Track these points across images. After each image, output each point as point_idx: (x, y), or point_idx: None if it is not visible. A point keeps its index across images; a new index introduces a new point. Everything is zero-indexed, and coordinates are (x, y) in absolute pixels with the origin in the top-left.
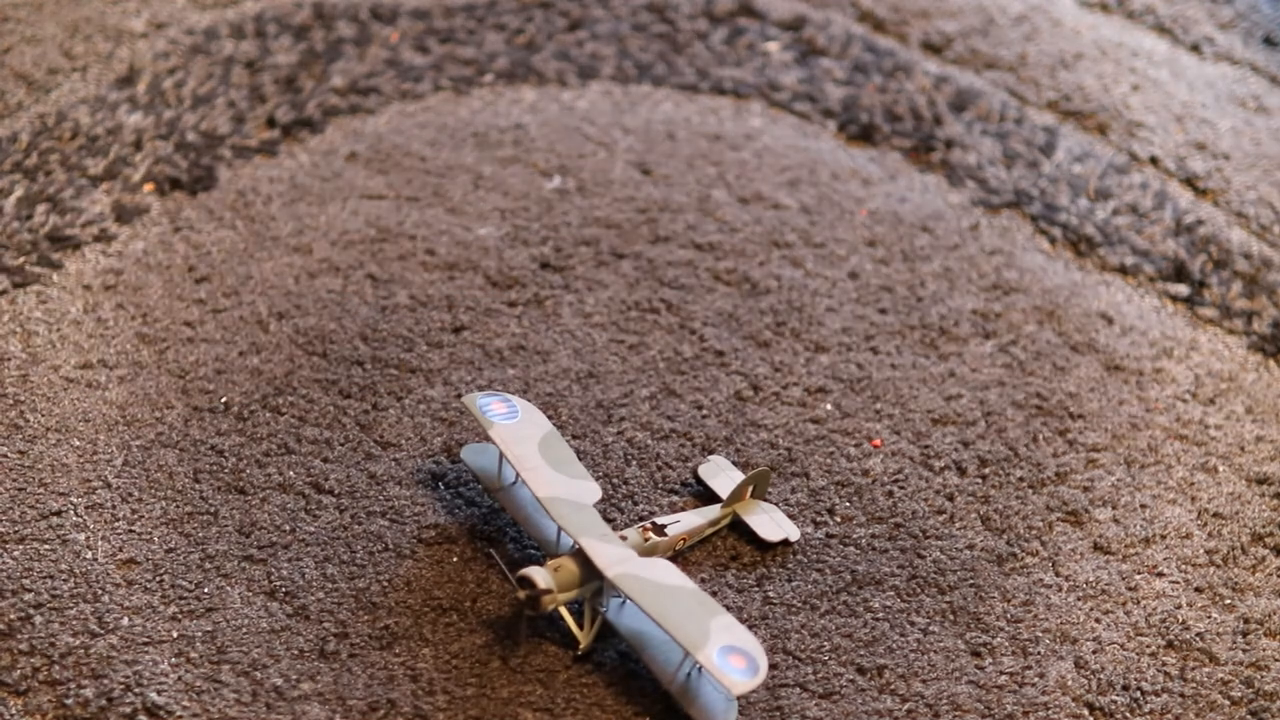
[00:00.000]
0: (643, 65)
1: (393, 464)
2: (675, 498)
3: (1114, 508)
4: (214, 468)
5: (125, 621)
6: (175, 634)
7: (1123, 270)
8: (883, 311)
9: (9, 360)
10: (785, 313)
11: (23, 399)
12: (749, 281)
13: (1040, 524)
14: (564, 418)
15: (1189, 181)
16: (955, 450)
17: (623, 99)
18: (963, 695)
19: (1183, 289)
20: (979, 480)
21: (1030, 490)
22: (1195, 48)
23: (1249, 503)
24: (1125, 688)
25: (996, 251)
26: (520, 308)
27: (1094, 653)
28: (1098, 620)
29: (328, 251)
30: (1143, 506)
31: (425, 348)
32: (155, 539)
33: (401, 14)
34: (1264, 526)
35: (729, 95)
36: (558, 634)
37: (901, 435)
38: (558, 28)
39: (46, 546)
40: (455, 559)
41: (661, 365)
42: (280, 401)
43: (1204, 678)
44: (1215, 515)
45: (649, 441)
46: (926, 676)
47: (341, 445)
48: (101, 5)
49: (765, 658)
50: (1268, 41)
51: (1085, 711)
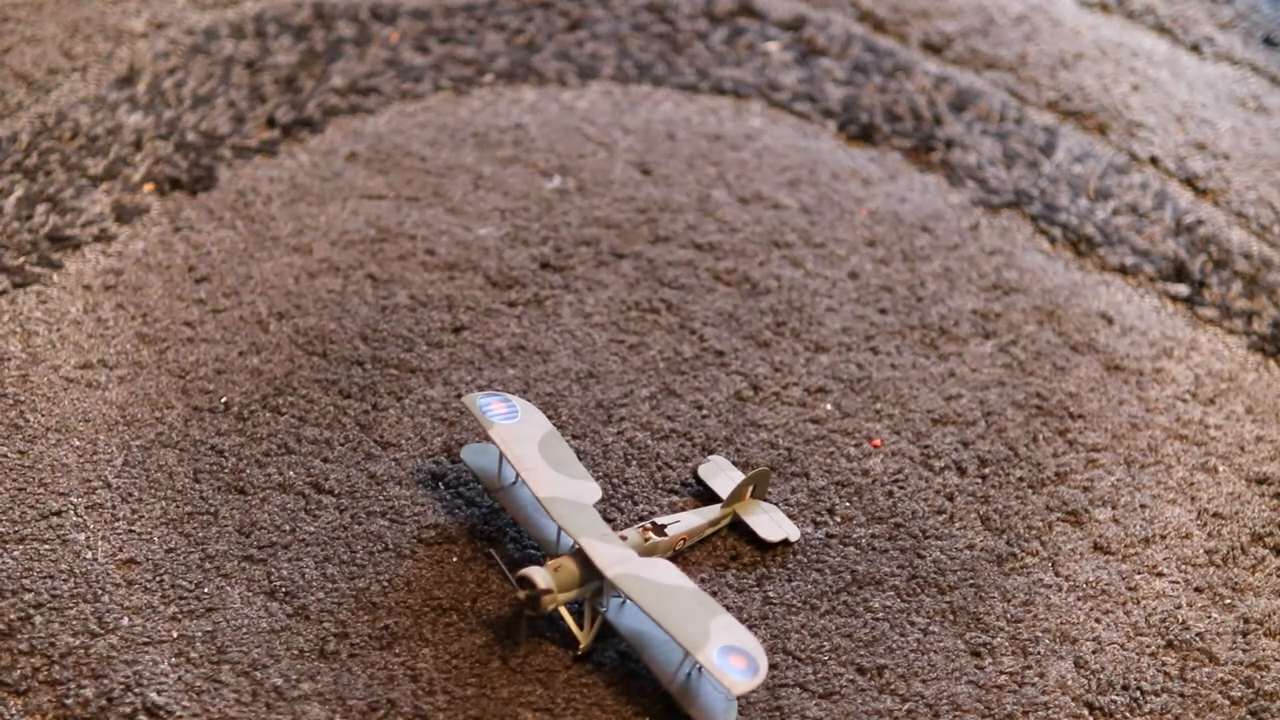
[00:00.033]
0: (643, 65)
1: (393, 464)
2: (675, 498)
3: (1114, 508)
4: (214, 468)
5: (125, 621)
6: (175, 634)
7: (1123, 270)
8: (883, 311)
9: (9, 360)
10: (785, 313)
11: (23, 399)
12: (749, 281)
13: (1040, 524)
14: (564, 418)
15: (1189, 181)
16: (955, 450)
17: (623, 99)
18: (963, 695)
19: (1183, 289)
20: (979, 480)
21: (1030, 490)
22: (1195, 48)
23: (1249, 503)
24: (1125, 688)
25: (996, 251)
26: (520, 308)
27: (1094, 653)
28: (1098, 620)
29: (328, 251)
30: (1143, 506)
31: (425, 348)
32: (155, 539)
33: (401, 14)
34: (1264, 526)
35: (729, 95)
36: (558, 634)
37: (901, 435)
38: (558, 28)
39: (46, 546)
40: (455, 559)
41: (661, 365)
42: (280, 401)
43: (1204, 678)
44: (1215, 515)
45: (649, 441)
46: (926, 676)
47: (341, 445)
48: (101, 5)
49: (765, 658)
50: (1268, 41)
51: (1085, 711)
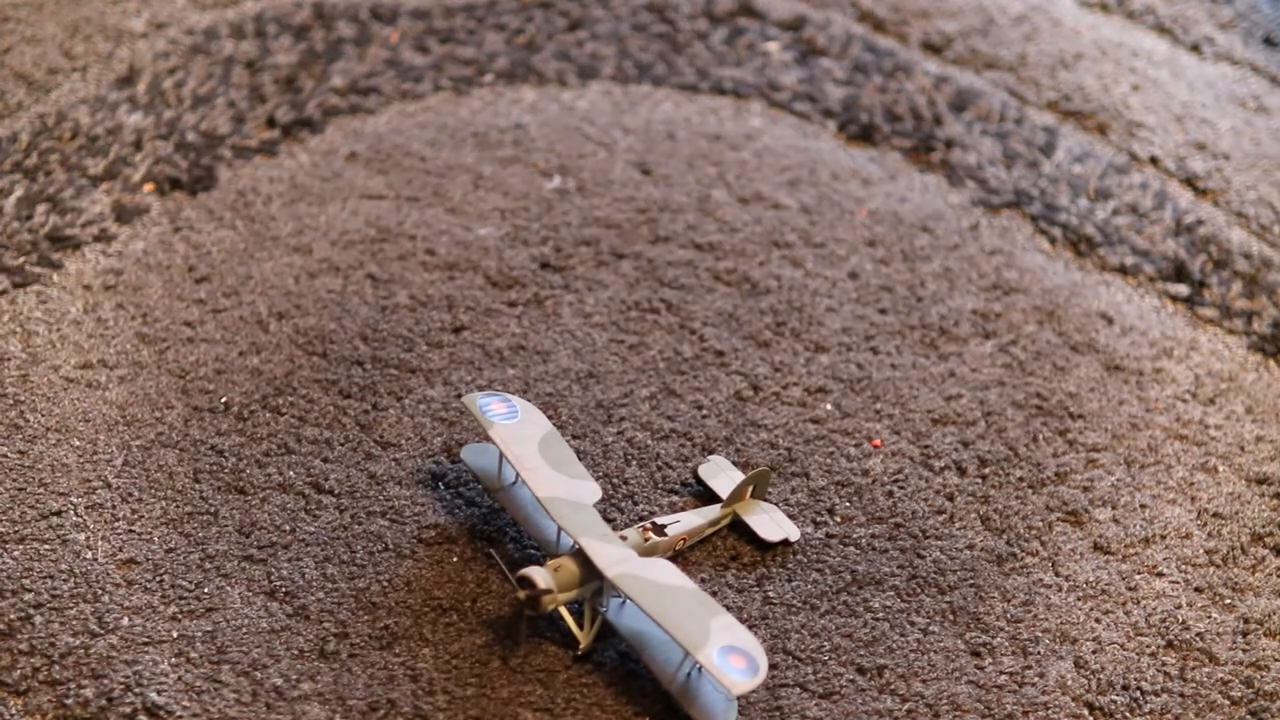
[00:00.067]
0: (643, 65)
1: (393, 464)
2: (675, 498)
3: (1114, 508)
4: (214, 468)
5: (125, 621)
6: (175, 634)
7: (1123, 270)
8: (883, 311)
9: (9, 360)
10: (785, 313)
11: (23, 399)
12: (749, 281)
13: (1040, 524)
14: (564, 418)
15: (1189, 181)
16: (955, 450)
17: (623, 99)
18: (963, 695)
19: (1183, 289)
20: (979, 480)
21: (1030, 490)
22: (1195, 48)
23: (1249, 503)
24: (1125, 688)
25: (996, 251)
26: (520, 308)
27: (1094, 653)
28: (1098, 620)
29: (328, 251)
30: (1143, 506)
31: (425, 348)
32: (155, 539)
33: (401, 14)
34: (1264, 526)
35: (729, 95)
36: (558, 634)
37: (901, 435)
38: (558, 28)
39: (46, 546)
40: (455, 559)
41: (661, 365)
42: (280, 401)
43: (1204, 678)
44: (1215, 515)
45: (649, 441)
46: (926, 676)
47: (341, 445)
48: (101, 5)
49: (765, 658)
50: (1268, 41)
51: (1085, 711)
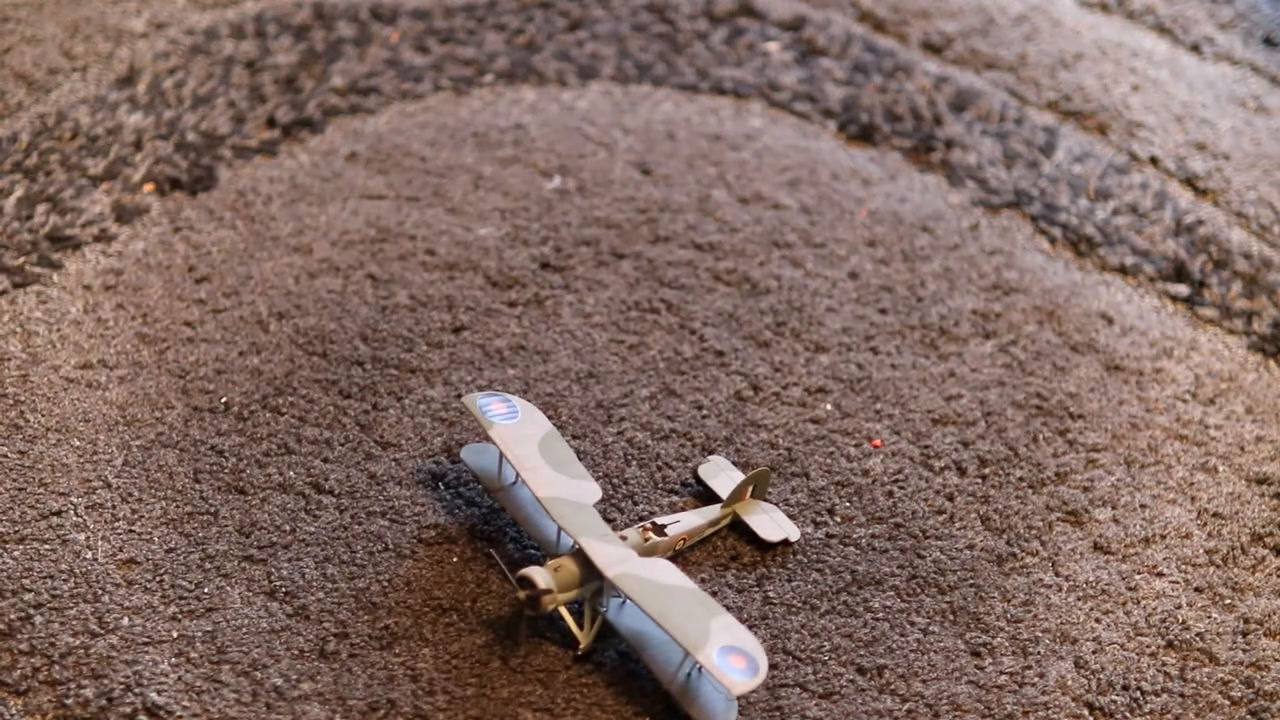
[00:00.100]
0: (643, 65)
1: (393, 464)
2: (675, 498)
3: (1114, 508)
4: (214, 468)
5: (125, 621)
6: (175, 634)
7: (1123, 270)
8: (883, 311)
9: (9, 360)
10: (785, 313)
11: (23, 399)
12: (749, 281)
13: (1040, 524)
14: (564, 418)
15: (1189, 181)
16: (955, 450)
17: (623, 99)
18: (963, 695)
19: (1183, 289)
20: (979, 480)
21: (1030, 490)
22: (1195, 48)
23: (1249, 503)
24: (1125, 688)
25: (996, 251)
26: (520, 308)
27: (1094, 653)
28: (1098, 620)
29: (328, 251)
30: (1143, 506)
31: (425, 348)
32: (155, 539)
33: (401, 14)
34: (1264, 526)
35: (729, 95)
36: (558, 634)
37: (901, 435)
38: (558, 28)
39: (46, 546)
40: (455, 559)
41: (661, 365)
42: (280, 401)
43: (1204, 678)
44: (1215, 515)
45: (649, 441)
46: (926, 676)
47: (341, 445)
48: (101, 5)
49: (765, 658)
50: (1268, 41)
51: (1085, 711)
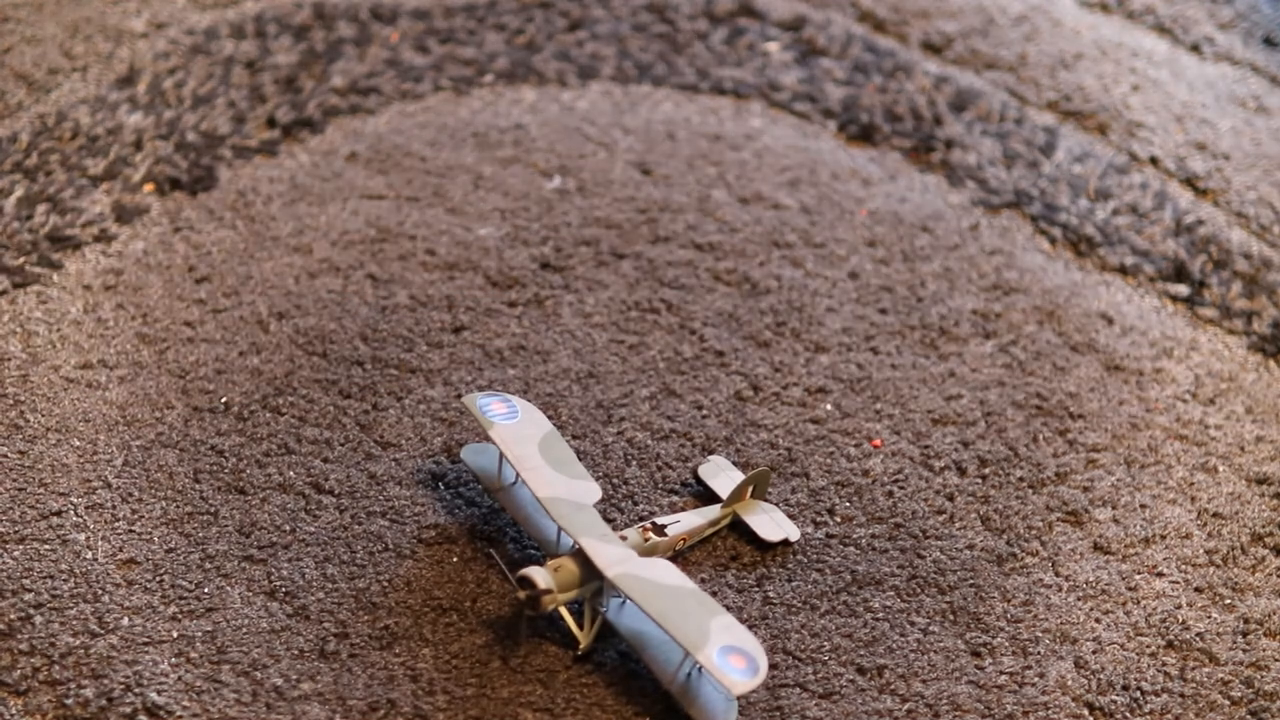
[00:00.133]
0: (643, 65)
1: (393, 464)
2: (675, 498)
3: (1114, 508)
4: (214, 468)
5: (125, 621)
6: (175, 634)
7: (1123, 270)
8: (883, 311)
9: (9, 360)
10: (785, 313)
11: (23, 399)
12: (749, 281)
13: (1040, 524)
14: (564, 418)
15: (1189, 181)
16: (955, 450)
17: (623, 99)
18: (963, 695)
19: (1183, 289)
20: (979, 480)
21: (1030, 490)
22: (1195, 48)
23: (1249, 503)
24: (1125, 688)
25: (996, 251)
26: (520, 308)
27: (1094, 653)
28: (1098, 620)
29: (328, 251)
30: (1143, 506)
31: (425, 348)
32: (155, 539)
33: (401, 14)
34: (1264, 526)
35: (729, 95)
36: (558, 634)
37: (901, 435)
38: (558, 28)
39: (46, 546)
40: (455, 559)
41: (661, 365)
42: (280, 401)
43: (1204, 678)
44: (1215, 515)
45: (649, 441)
46: (926, 676)
47: (341, 445)
48: (101, 5)
49: (765, 658)
50: (1268, 41)
51: (1085, 711)
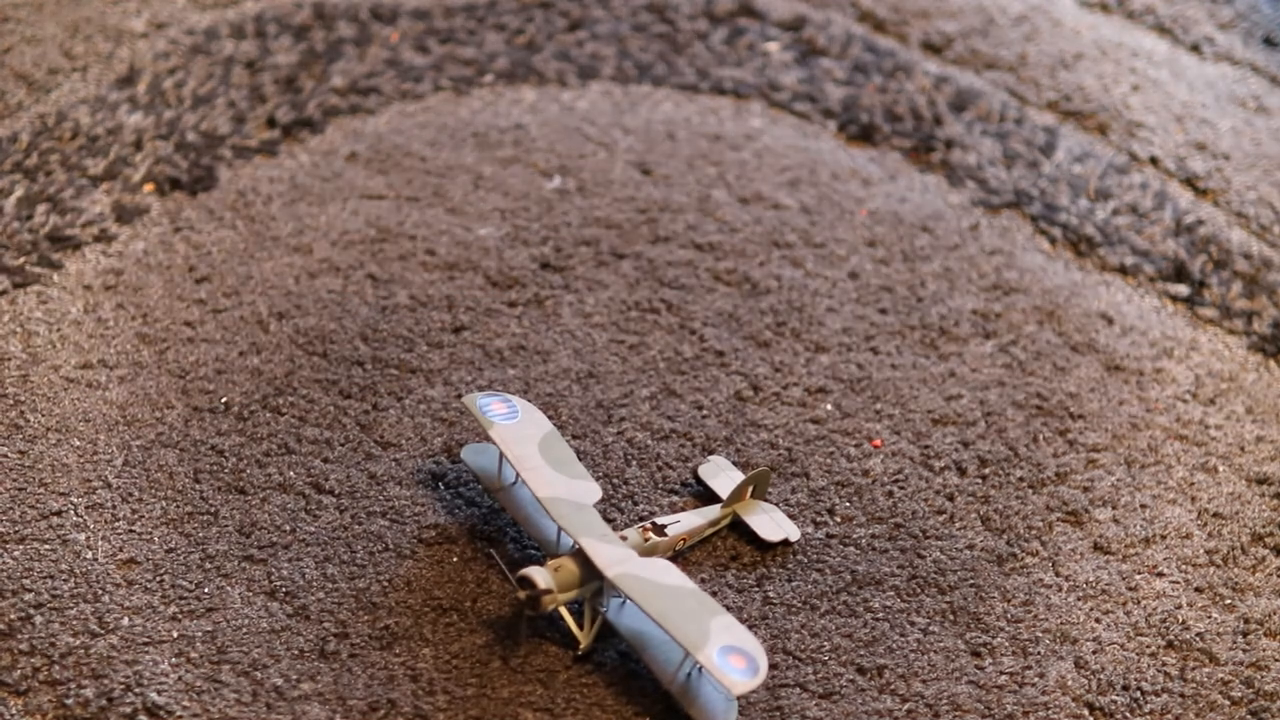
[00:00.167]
0: (643, 65)
1: (393, 464)
2: (675, 498)
3: (1114, 508)
4: (214, 468)
5: (125, 621)
6: (175, 634)
7: (1123, 270)
8: (883, 311)
9: (9, 360)
10: (785, 313)
11: (23, 399)
12: (749, 281)
13: (1040, 524)
14: (564, 418)
15: (1189, 181)
16: (955, 450)
17: (623, 99)
18: (963, 695)
19: (1183, 289)
20: (979, 480)
21: (1030, 490)
22: (1195, 48)
23: (1249, 503)
24: (1125, 688)
25: (996, 251)
26: (520, 308)
27: (1094, 653)
28: (1098, 620)
29: (328, 251)
30: (1143, 506)
31: (425, 348)
32: (155, 539)
33: (401, 14)
34: (1264, 526)
35: (729, 95)
36: (558, 634)
37: (901, 435)
38: (558, 28)
39: (47, 546)
40: (455, 559)
41: (661, 365)
42: (280, 401)
43: (1204, 678)
44: (1215, 515)
45: (649, 441)
46: (926, 676)
47: (342, 445)
48: (101, 5)
49: (765, 658)
50: (1268, 41)
51: (1085, 711)
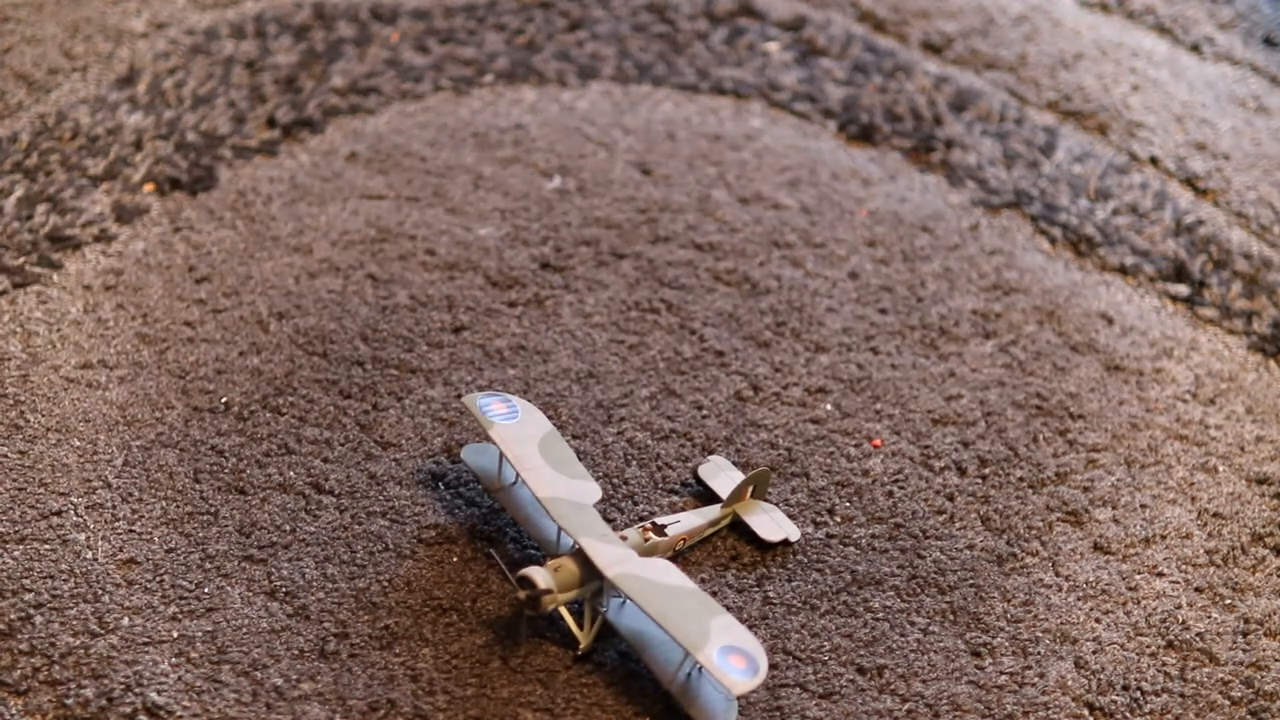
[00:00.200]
0: (643, 65)
1: (393, 464)
2: (675, 498)
3: (1114, 508)
4: (214, 468)
5: (125, 621)
6: (175, 634)
7: (1123, 270)
8: (883, 311)
9: (9, 360)
10: (785, 313)
11: (23, 399)
12: (749, 281)
13: (1040, 524)
14: (564, 418)
15: (1189, 181)
16: (955, 450)
17: (623, 99)
18: (963, 695)
19: (1183, 289)
20: (979, 480)
21: (1030, 490)
22: (1195, 48)
23: (1249, 503)
24: (1125, 688)
25: (996, 251)
26: (520, 308)
27: (1094, 653)
28: (1098, 620)
29: (328, 251)
30: (1143, 506)
31: (425, 348)
32: (155, 539)
33: (401, 14)
34: (1264, 526)
35: (729, 95)
36: (558, 634)
37: (901, 435)
38: (558, 28)
39: (47, 546)
40: (455, 559)
41: (661, 365)
42: (280, 401)
43: (1204, 678)
44: (1215, 515)
45: (649, 441)
46: (926, 676)
47: (342, 445)
48: (101, 5)
49: (765, 658)
50: (1268, 41)
51: (1085, 711)
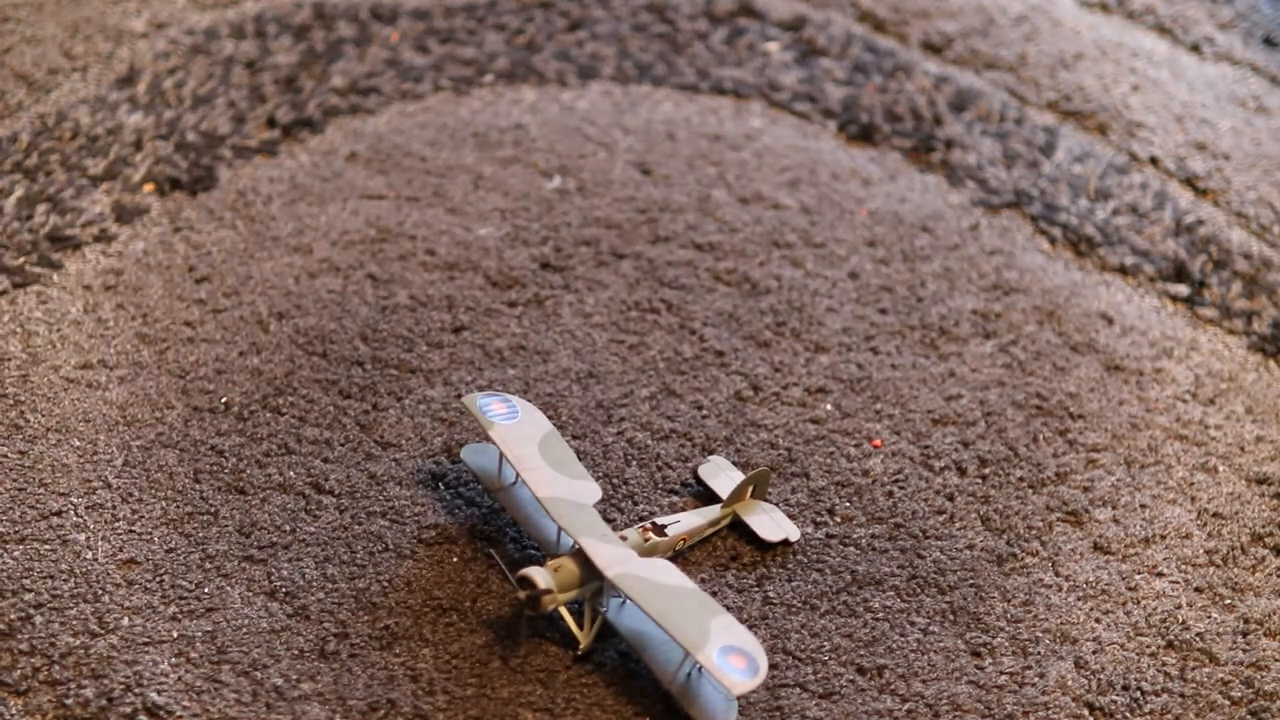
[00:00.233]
0: (643, 65)
1: (393, 464)
2: (675, 498)
3: (1114, 508)
4: (214, 468)
5: (125, 621)
6: (175, 634)
7: (1123, 270)
8: (883, 311)
9: (9, 360)
10: (785, 313)
11: (23, 399)
12: (749, 281)
13: (1040, 524)
14: (564, 418)
15: (1189, 181)
16: (955, 450)
17: (623, 99)
18: (963, 695)
19: (1183, 289)
20: (979, 480)
21: (1030, 490)
22: (1195, 48)
23: (1249, 503)
24: (1125, 688)
25: (996, 251)
26: (520, 308)
27: (1094, 653)
28: (1098, 620)
29: (328, 251)
30: (1143, 506)
31: (425, 348)
32: (155, 539)
33: (401, 14)
34: (1264, 526)
35: (729, 95)
36: (558, 634)
37: (901, 435)
38: (558, 28)
39: (47, 546)
40: (455, 559)
41: (661, 365)
42: (280, 401)
43: (1204, 678)
44: (1215, 515)
45: (649, 441)
46: (926, 676)
47: (341, 445)
48: (101, 5)
49: (765, 658)
50: (1268, 41)
51: (1085, 711)
